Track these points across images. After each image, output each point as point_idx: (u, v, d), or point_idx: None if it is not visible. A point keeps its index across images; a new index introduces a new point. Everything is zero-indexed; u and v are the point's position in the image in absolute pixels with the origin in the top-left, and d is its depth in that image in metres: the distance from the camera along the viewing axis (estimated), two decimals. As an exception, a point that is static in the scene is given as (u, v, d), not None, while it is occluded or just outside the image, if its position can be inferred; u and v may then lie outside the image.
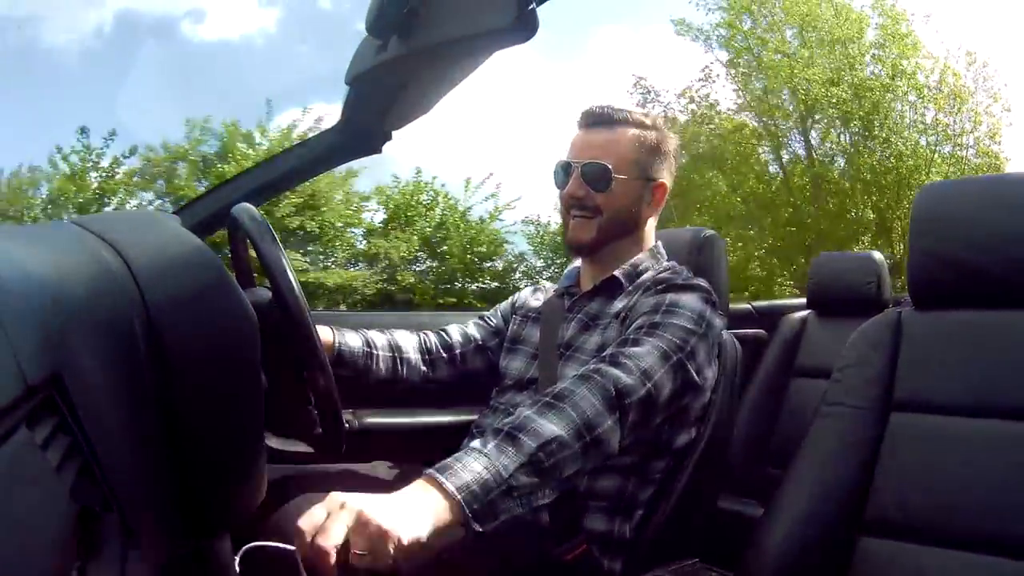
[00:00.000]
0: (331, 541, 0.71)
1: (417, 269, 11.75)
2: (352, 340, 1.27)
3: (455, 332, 1.40)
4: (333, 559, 0.71)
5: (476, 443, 0.85)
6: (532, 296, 1.40)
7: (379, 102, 1.29)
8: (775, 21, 12.85)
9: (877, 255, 2.46)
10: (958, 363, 0.97)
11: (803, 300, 2.63)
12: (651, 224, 1.29)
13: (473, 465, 0.81)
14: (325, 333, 1.23)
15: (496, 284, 12.11)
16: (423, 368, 1.36)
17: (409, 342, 1.36)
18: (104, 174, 10.39)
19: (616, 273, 1.24)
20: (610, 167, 1.20)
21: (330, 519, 0.73)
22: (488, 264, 12.17)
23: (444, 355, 1.38)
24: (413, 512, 0.75)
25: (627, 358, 1.00)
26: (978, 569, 0.86)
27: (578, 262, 1.35)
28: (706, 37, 13.30)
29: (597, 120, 1.24)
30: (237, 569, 0.79)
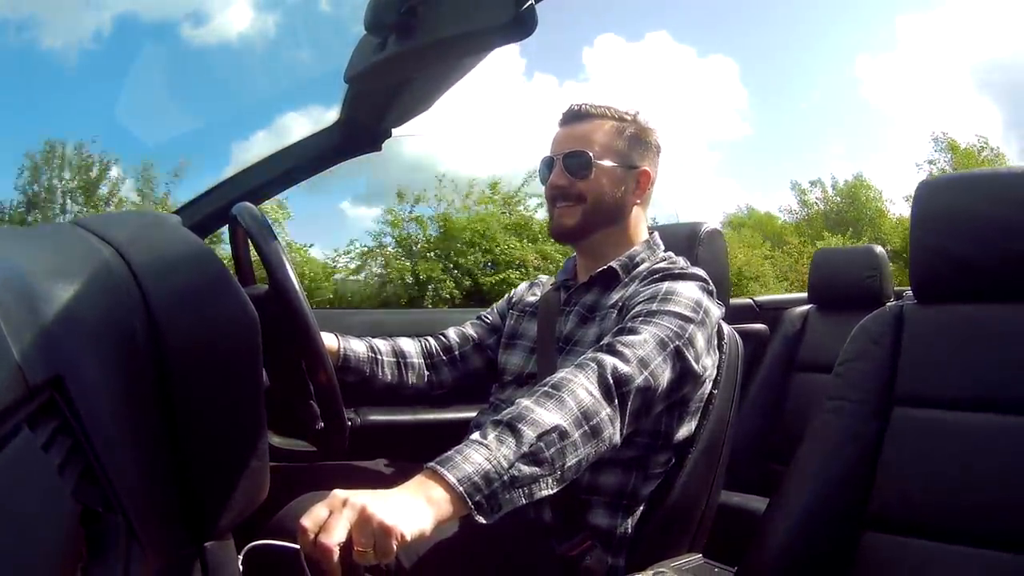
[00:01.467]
0: (334, 539, 0.71)
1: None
2: (357, 347, 1.28)
3: (453, 334, 1.41)
4: (336, 556, 0.71)
5: (476, 435, 0.85)
6: (528, 291, 1.41)
7: (378, 100, 1.29)
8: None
9: (878, 248, 2.44)
10: (960, 357, 0.97)
11: (804, 295, 2.63)
12: (639, 213, 1.29)
13: (474, 457, 0.81)
14: (330, 340, 1.23)
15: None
16: (426, 372, 1.36)
17: (412, 347, 1.37)
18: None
19: (613, 264, 1.24)
20: (590, 154, 1.22)
21: (332, 517, 0.73)
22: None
23: (444, 357, 1.38)
24: (415, 507, 0.75)
25: (624, 346, 1.00)
26: (981, 563, 0.86)
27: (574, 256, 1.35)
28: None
29: (576, 115, 1.27)
30: (240, 568, 0.79)
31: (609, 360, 0.97)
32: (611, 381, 0.95)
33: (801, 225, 21.43)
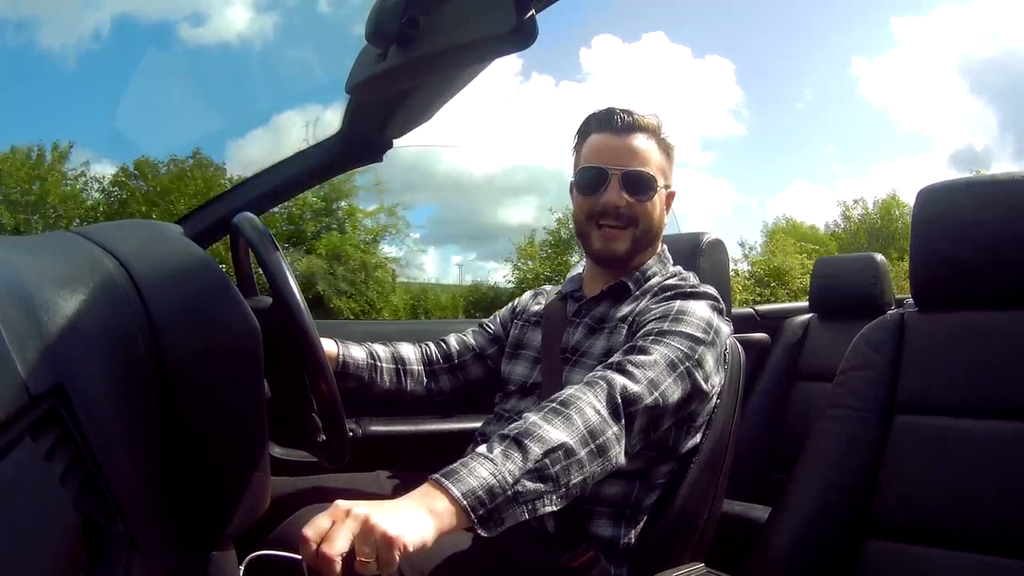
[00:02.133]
0: (336, 549, 0.71)
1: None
2: (356, 352, 1.27)
3: (454, 341, 1.40)
4: (338, 567, 0.71)
5: (482, 448, 0.85)
6: (533, 300, 1.40)
7: (380, 110, 1.29)
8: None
9: (878, 256, 2.45)
10: (961, 364, 0.97)
11: (805, 303, 2.63)
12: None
13: (479, 471, 0.80)
14: (329, 345, 1.23)
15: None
16: (425, 379, 1.35)
17: (411, 353, 1.35)
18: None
19: (624, 279, 1.23)
20: (654, 175, 1.17)
21: (335, 527, 0.72)
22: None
23: (444, 365, 1.37)
24: (418, 518, 0.75)
25: (634, 366, 0.99)
26: (983, 569, 0.86)
27: (579, 268, 1.34)
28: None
29: (632, 126, 1.19)
30: None
31: (619, 379, 0.96)
32: (619, 400, 0.94)
33: (844, 237, 22.85)
